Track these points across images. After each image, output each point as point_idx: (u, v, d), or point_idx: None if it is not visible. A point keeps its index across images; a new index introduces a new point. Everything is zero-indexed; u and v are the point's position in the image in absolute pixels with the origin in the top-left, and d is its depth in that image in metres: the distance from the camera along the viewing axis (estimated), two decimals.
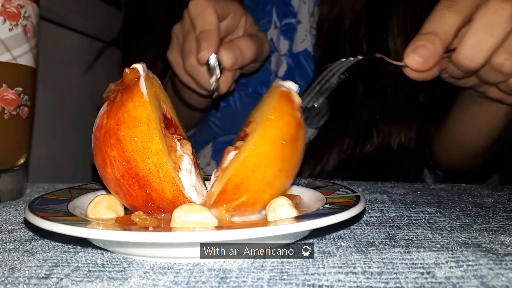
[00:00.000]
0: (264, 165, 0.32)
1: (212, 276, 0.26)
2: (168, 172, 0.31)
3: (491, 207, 0.43)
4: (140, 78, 0.33)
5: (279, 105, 0.33)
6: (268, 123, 0.32)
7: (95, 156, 0.33)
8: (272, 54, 0.80)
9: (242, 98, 0.81)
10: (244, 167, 0.31)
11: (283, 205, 0.31)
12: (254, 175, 0.32)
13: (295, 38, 0.79)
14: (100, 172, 0.33)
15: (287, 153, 0.33)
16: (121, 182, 0.31)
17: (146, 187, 0.31)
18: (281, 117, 0.33)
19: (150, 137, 0.31)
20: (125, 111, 0.31)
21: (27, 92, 0.49)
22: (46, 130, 0.89)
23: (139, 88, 0.32)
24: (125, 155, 0.31)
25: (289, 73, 0.79)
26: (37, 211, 0.31)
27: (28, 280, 0.26)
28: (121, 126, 0.31)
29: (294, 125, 0.33)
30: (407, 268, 0.27)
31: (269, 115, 0.32)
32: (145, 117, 0.31)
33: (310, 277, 0.26)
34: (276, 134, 0.32)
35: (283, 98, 0.34)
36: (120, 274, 0.27)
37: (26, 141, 0.50)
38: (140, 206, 0.32)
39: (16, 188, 0.50)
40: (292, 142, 0.33)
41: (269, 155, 0.32)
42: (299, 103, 0.35)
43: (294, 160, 0.34)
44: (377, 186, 0.56)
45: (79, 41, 1.02)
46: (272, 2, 0.80)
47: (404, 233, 0.34)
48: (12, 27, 0.46)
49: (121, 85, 0.33)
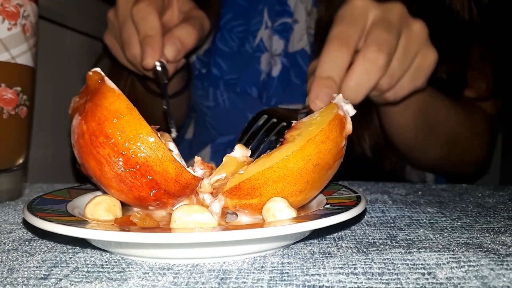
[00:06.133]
0: (287, 180, 0.31)
1: (212, 277, 0.26)
2: (166, 151, 0.31)
3: (493, 207, 0.43)
4: (104, 78, 0.33)
5: (329, 129, 0.32)
6: (310, 142, 0.31)
7: (86, 163, 0.32)
8: (261, 54, 0.80)
9: (231, 97, 0.82)
10: (267, 174, 0.31)
11: (282, 209, 0.30)
12: (274, 185, 0.31)
13: (291, 38, 0.79)
14: (98, 175, 0.32)
15: (315, 177, 0.32)
16: (123, 176, 0.31)
17: (149, 172, 0.31)
18: (325, 141, 0.31)
19: (137, 123, 0.31)
20: (103, 110, 0.31)
21: (26, 92, 0.48)
22: (45, 130, 0.89)
23: (108, 85, 0.32)
24: (118, 149, 0.31)
25: (284, 72, 0.79)
26: (36, 211, 0.31)
27: (27, 281, 0.26)
28: (105, 124, 0.31)
29: (334, 153, 0.32)
30: (408, 268, 0.26)
31: (315, 135, 0.31)
32: (125, 107, 0.31)
33: (310, 278, 0.25)
34: (312, 156, 0.31)
35: (336, 122, 0.32)
36: (119, 275, 0.26)
37: (25, 141, 0.50)
38: (147, 197, 0.32)
39: (15, 188, 0.49)
40: (325, 169, 0.32)
41: (297, 173, 0.31)
42: (349, 131, 0.33)
43: (318, 185, 0.33)
44: (377, 186, 0.55)
45: (78, 40, 1.02)
46: (264, 2, 0.80)
47: (405, 233, 0.34)
48: (11, 27, 0.45)
49: (85, 94, 0.33)
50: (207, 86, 0.83)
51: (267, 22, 0.80)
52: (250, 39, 0.80)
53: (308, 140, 0.31)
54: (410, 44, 0.50)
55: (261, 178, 0.31)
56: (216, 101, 0.82)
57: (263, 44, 0.80)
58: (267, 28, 0.80)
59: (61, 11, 0.91)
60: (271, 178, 0.31)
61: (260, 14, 0.80)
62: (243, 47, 0.81)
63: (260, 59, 0.80)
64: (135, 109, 0.31)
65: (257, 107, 0.79)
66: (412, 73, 0.52)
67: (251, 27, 0.80)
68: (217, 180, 0.33)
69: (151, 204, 0.33)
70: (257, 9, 0.80)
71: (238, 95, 0.81)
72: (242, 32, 0.81)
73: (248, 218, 0.33)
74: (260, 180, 0.31)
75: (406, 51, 0.50)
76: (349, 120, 0.33)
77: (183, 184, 0.32)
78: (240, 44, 0.81)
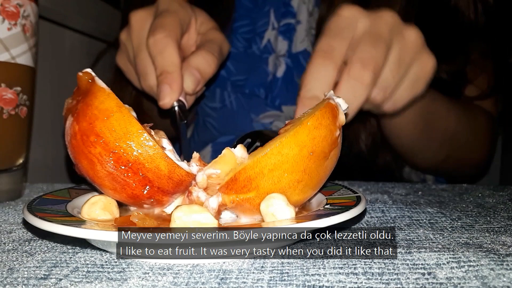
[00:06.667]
0: (283, 168, 0.30)
1: (211, 277, 0.26)
2: (156, 148, 0.31)
3: (493, 207, 0.43)
4: (94, 77, 0.33)
5: (321, 115, 0.31)
6: (302, 127, 0.30)
7: (79, 163, 0.32)
8: (269, 55, 0.80)
9: (239, 99, 0.81)
10: (262, 163, 0.30)
11: (281, 208, 0.30)
12: (270, 174, 0.30)
13: (294, 38, 0.79)
14: (91, 175, 0.32)
15: (311, 166, 0.31)
16: (115, 174, 0.31)
17: (140, 170, 0.31)
18: (318, 127, 0.31)
19: (127, 121, 0.31)
20: (94, 109, 0.31)
21: (26, 92, 0.48)
22: (45, 130, 0.89)
23: (98, 85, 0.32)
24: (109, 147, 0.31)
25: (288, 73, 0.79)
26: (36, 211, 0.31)
27: (27, 281, 0.26)
28: (95, 123, 0.31)
29: (329, 142, 0.31)
30: (408, 268, 0.26)
31: (307, 121, 0.31)
32: (115, 105, 0.31)
33: (310, 278, 0.25)
34: (306, 142, 0.30)
35: (328, 110, 0.32)
36: (119, 275, 0.26)
37: (25, 141, 0.50)
38: (141, 195, 0.32)
39: (15, 188, 0.49)
40: (320, 158, 0.31)
41: (292, 160, 0.30)
42: (342, 121, 0.33)
43: (317, 178, 0.32)
44: (377, 186, 0.55)
45: (78, 40, 1.02)
46: (270, 4, 0.80)
47: (405, 233, 0.34)
48: (11, 27, 0.45)
49: (77, 95, 0.33)
50: (213, 88, 0.82)
51: (273, 23, 0.80)
52: (257, 40, 0.80)
53: (300, 125, 0.30)
54: (404, 54, 0.49)
55: (256, 166, 0.30)
56: (223, 102, 0.82)
57: (270, 45, 0.80)
58: (274, 29, 0.80)
59: (61, 11, 0.91)
60: (267, 166, 0.30)
61: (267, 15, 0.80)
62: (250, 48, 0.80)
63: (268, 60, 0.80)
64: (125, 107, 0.31)
65: (263, 108, 0.80)
66: (410, 82, 0.51)
67: (257, 28, 0.80)
68: (211, 175, 0.32)
69: (145, 202, 0.33)
70: (263, 10, 0.80)
71: (246, 96, 0.81)
72: (249, 33, 0.81)
73: (247, 219, 0.33)
74: (256, 169, 0.30)
75: (399, 62, 0.49)
76: (342, 111, 0.33)
77: (176, 181, 0.32)
78: (247, 45, 0.81)
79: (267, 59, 0.80)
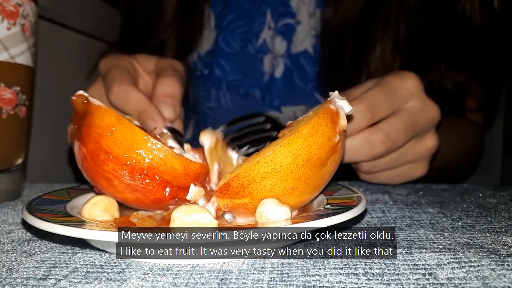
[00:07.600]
0: (276, 176, 0.30)
1: (211, 277, 0.26)
2: (166, 150, 0.31)
3: (493, 208, 0.43)
4: (88, 98, 0.33)
5: (317, 122, 0.30)
6: (297, 136, 0.30)
7: (96, 183, 0.33)
8: (264, 55, 0.80)
9: (234, 99, 0.81)
10: (255, 171, 0.30)
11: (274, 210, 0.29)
12: (263, 182, 0.30)
13: (294, 39, 0.79)
14: (111, 191, 0.33)
15: (307, 174, 0.30)
16: (134, 185, 0.32)
17: (156, 174, 0.31)
18: (314, 135, 0.30)
19: (130, 131, 0.31)
20: (96, 128, 0.32)
21: (25, 92, 0.48)
22: (45, 130, 0.89)
23: (94, 104, 0.32)
24: (121, 161, 0.31)
25: (287, 74, 0.79)
26: (35, 211, 0.30)
27: (26, 281, 0.26)
28: (101, 141, 0.31)
29: (326, 149, 0.31)
30: (409, 269, 0.26)
31: (302, 129, 0.30)
32: (115, 119, 0.31)
33: (310, 279, 0.25)
34: (301, 150, 0.30)
35: (326, 116, 0.31)
36: (118, 275, 0.26)
37: (24, 141, 0.50)
38: (164, 197, 0.32)
39: (14, 188, 0.49)
40: (317, 165, 0.31)
41: (286, 169, 0.30)
42: (344, 126, 0.32)
43: (314, 184, 0.32)
44: (378, 186, 0.55)
45: (78, 40, 1.02)
46: (267, 3, 0.80)
47: (405, 233, 0.34)
48: (10, 26, 0.45)
49: (76, 119, 0.33)
50: (209, 87, 0.82)
51: (270, 23, 0.80)
52: (253, 40, 0.80)
53: (295, 134, 0.30)
54: (411, 154, 0.51)
55: (249, 174, 0.30)
56: (218, 102, 0.82)
57: (266, 45, 0.80)
58: (270, 29, 0.80)
59: (60, 11, 0.91)
60: (259, 174, 0.30)
61: (263, 15, 0.80)
62: (245, 48, 0.81)
63: (263, 60, 0.79)
64: (125, 118, 0.32)
65: (260, 109, 0.80)
66: (400, 173, 0.53)
67: (254, 28, 0.80)
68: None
69: (170, 203, 0.33)
70: (260, 10, 0.80)
71: (241, 97, 0.81)
72: (245, 33, 0.81)
73: (243, 221, 0.33)
74: (248, 176, 0.30)
75: (403, 156, 0.51)
76: (343, 115, 0.32)
77: (193, 176, 0.32)
78: (243, 45, 0.81)
79: (263, 59, 0.80)
